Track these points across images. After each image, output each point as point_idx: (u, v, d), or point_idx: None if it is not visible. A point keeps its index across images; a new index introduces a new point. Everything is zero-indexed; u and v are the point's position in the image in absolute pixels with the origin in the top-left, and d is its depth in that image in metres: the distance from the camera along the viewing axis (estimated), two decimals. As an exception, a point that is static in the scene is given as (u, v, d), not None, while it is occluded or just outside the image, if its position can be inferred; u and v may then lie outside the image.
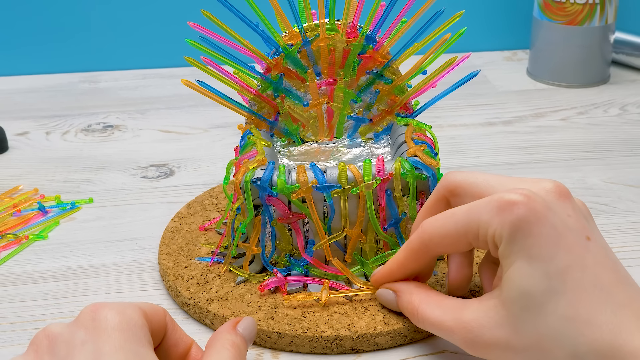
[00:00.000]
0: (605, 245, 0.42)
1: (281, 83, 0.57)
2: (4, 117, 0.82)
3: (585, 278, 0.39)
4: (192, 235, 0.58)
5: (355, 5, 0.55)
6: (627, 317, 0.39)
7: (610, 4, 0.87)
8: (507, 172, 0.71)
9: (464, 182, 0.46)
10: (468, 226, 0.43)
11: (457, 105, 0.85)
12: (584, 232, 0.41)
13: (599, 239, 0.42)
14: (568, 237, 0.40)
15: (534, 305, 0.40)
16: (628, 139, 0.78)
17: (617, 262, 0.42)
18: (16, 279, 0.56)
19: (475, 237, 0.43)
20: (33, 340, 0.39)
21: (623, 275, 0.41)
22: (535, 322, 0.40)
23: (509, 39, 1.02)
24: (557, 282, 0.39)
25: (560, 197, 0.42)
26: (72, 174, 0.72)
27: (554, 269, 0.40)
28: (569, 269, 0.39)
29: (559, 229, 0.40)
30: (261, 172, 0.51)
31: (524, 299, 0.40)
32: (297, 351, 0.49)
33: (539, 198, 0.41)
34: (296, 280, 0.52)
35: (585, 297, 0.39)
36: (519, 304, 0.40)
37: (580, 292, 0.39)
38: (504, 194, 0.41)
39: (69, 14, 0.94)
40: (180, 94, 0.89)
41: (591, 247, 0.41)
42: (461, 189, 0.46)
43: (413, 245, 0.47)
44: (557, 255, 0.40)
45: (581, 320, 0.39)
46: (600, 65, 0.91)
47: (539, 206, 0.41)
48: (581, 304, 0.39)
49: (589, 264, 0.40)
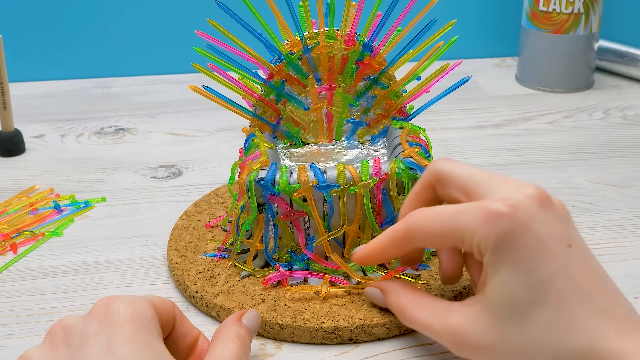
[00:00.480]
0: (585, 249, 0.42)
1: (283, 88, 0.57)
2: (22, 121, 0.82)
3: (568, 287, 0.39)
4: (199, 232, 0.58)
5: (353, 15, 0.55)
6: (606, 323, 0.38)
7: (594, 13, 0.87)
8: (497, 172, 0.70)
9: (450, 173, 0.45)
10: (453, 230, 0.42)
11: (449, 109, 0.85)
12: (566, 239, 0.41)
13: (579, 244, 0.42)
14: (551, 246, 0.40)
15: (519, 314, 0.40)
16: (611, 141, 0.78)
17: (597, 266, 0.41)
18: (33, 273, 0.56)
19: (460, 241, 0.42)
20: (49, 331, 0.39)
21: (602, 280, 0.41)
22: (519, 330, 0.40)
23: (498, 47, 1.02)
24: (541, 292, 0.39)
25: (542, 205, 0.41)
26: (85, 174, 0.72)
27: (538, 279, 0.39)
28: (552, 279, 0.39)
29: (542, 239, 0.40)
30: (264, 172, 0.51)
31: (509, 307, 0.40)
32: (299, 341, 0.49)
33: (524, 208, 0.40)
34: (297, 275, 0.52)
35: (568, 306, 0.39)
36: (504, 312, 0.40)
37: (563, 302, 0.39)
38: (490, 203, 0.40)
39: (83, 24, 0.94)
40: (188, 98, 0.89)
41: (573, 254, 0.40)
42: (447, 179, 0.45)
43: (397, 234, 0.45)
44: (541, 265, 0.39)
45: (563, 328, 0.39)
46: (585, 71, 0.91)
47: (523, 217, 0.40)
48: (564, 312, 0.39)
49: (572, 272, 0.39)
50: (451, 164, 0.45)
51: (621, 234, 0.61)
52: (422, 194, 0.47)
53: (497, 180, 0.43)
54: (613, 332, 0.38)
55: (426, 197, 0.47)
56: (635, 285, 0.54)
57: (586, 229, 0.62)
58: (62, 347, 0.38)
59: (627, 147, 0.77)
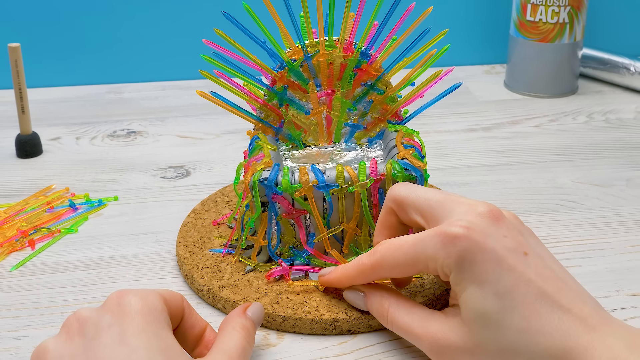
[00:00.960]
0: (542, 254, 0.42)
1: (285, 94, 0.57)
2: (39, 124, 0.82)
3: (530, 291, 0.39)
4: (206, 229, 0.58)
5: (351, 25, 0.55)
6: (574, 321, 0.39)
7: (578, 23, 0.87)
8: (487, 173, 0.71)
9: (407, 198, 0.45)
10: (416, 258, 0.42)
11: (442, 113, 0.85)
12: (521, 248, 0.41)
13: (536, 250, 0.42)
14: (508, 257, 0.40)
15: (491, 323, 0.40)
16: (594, 143, 0.78)
17: (555, 268, 0.41)
18: (49, 268, 0.56)
19: (425, 267, 0.42)
20: (65, 323, 0.39)
21: (563, 280, 0.41)
22: (494, 337, 0.40)
23: (488, 55, 1.02)
24: (507, 300, 0.39)
25: (494, 221, 0.41)
26: (99, 174, 0.72)
27: (502, 288, 0.39)
28: (515, 287, 0.39)
29: (499, 252, 0.40)
30: (267, 173, 0.51)
31: (482, 319, 0.40)
32: (300, 332, 0.49)
33: (478, 227, 0.41)
34: (299, 270, 0.52)
35: (534, 309, 0.39)
36: (478, 324, 0.40)
37: (529, 305, 0.39)
38: (446, 227, 0.41)
39: (97, 34, 0.94)
40: (196, 103, 0.89)
41: (530, 261, 0.40)
42: (405, 204, 0.45)
43: (365, 268, 0.45)
44: (502, 276, 0.39)
45: (534, 330, 0.39)
46: (570, 78, 0.91)
47: (478, 236, 0.40)
48: (532, 315, 0.39)
49: (531, 278, 0.40)
50: (407, 189, 0.46)
51: (603, 231, 0.61)
52: (386, 220, 0.47)
53: (451, 202, 0.43)
54: (582, 329, 0.38)
55: (390, 223, 0.47)
56: (617, 279, 0.54)
57: (570, 226, 0.62)
58: (77, 338, 0.38)
59: (609, 149, 0.77)
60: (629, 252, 0.58)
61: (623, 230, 0.61)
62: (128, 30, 0.94)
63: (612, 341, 0.38)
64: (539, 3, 0.86)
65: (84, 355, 0.37)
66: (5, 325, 0.50)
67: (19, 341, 0.48)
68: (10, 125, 0.82)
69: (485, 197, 0.66)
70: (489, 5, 1.00)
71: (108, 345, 0.37)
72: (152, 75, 0.97)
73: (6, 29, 0.92)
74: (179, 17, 0.95)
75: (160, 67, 0.97)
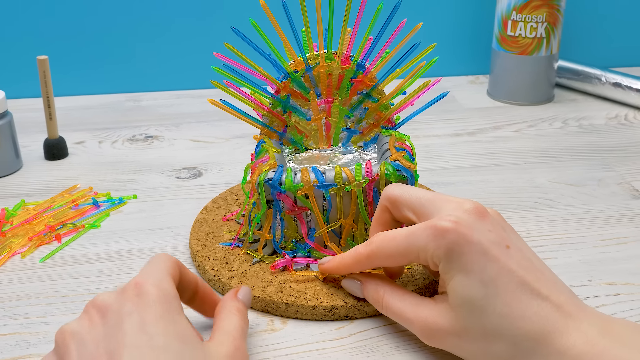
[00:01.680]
0: (522, 247, 0.42)
1: (288, 102, 0.57)
2: (65, 129, 0.82)
3: (512, 281, 0.39)
4: (217, 225, 0.58)
5: (348, 39, 0.55)
6: (550, 307, 0.39)
7: (554, 38, 0.87)
8: (472, 173, 0.71)
9: (400, 197, 0.45)
10: (408, 249, 0.43)
11: (430, 119, 0.85)
12: (504, 242, 0.41)
13: (517, 243, 0.42)
14: (492, 249, 0.40)
15: (476, 308, 0.40)
16: (569, 146, 0.78)
17: (534, 260, 0.42)
18: (74, 260, 0.56)
19: (416, 257, 0.42)
20: (86, 308, 0.39)
21: (541, 271, 0.41)
22: (479, 321, 0.40)
23: (472, 66, 1.02)
24: (491, 287, 0.39)
25: (479, 217, 0.42)
26: (119, 175, 0.72)
27: (486, 277, 0.40)
28: (499, 276, 0.39)
29: (484, 244, 0.40)
30: (272, 173, 0.51)
31: (467, 305, 0.40)
32: (302, 318, 0.49)
33: (465, 222, 0.41)
34: (301, 261, 0.52)
35: (515, 296, 0.39)
36: (464, 309, 0.40)
37: (510, 293, 0.39)
38: (436, 222, 0.41)
39: (117, 47, 0.94)
40: (207, 110, 0.89)
41: (512, 253, 0.41)
42: (398, 202, 0.46)
43: (361, 257, 0.46)
44: (486, 266, 0.40)
45: (515, 315, 0.39)
46: (546, 87, 0.91)
47: (465, 230, 0.40)
48: (513, 302, 0.39)
49: (513, 268, 0.40)
50: (401, 189, 0.46)
51: (577, 226, 0.61)
52: (381, 217, 0.47)
53: (440, 200, 0.43)
54: (559, 315, 0.38)
55: (385, 219, 0.47)
56: (590, 270, 0.54)
57: (547, 221, 0.62)
58: (99, 324, 0.38)
59: (582, 152, 0.76)
60: (600, 246, 0.58)
61: (595, 226, 0.61)
62: (146, 44, 0.94)
63: (586, 326, 0.38)
64: (519, 19, 0.86)
65: (105, 341, 0.37)
66: (34, 312, 0.50)
67: (47, 326, 0.48)
68: (39, 130, 0.82)
69: (470, 196, 0.66)
70: (473, 21, 0.99)
71: (128, 331, 0.36)
72: (167, 84, 0.97)
73: (36, 43, 0.92)
74: (192, 32, 0.94)
75: (175, 77, 0.96)
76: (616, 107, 0.90)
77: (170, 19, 0.94)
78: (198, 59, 0.94)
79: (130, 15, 0.93)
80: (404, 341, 0.47)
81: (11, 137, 0.71)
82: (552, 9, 0.85)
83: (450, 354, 0.44)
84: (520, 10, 0.86)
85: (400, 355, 0.45)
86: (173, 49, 0.95)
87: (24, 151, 0.76)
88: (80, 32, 0.93)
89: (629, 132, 0.82)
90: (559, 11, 0.86)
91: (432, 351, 0.45)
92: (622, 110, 0.89)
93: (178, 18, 0.94)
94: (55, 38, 0.92)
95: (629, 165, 0.73)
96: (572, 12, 0.99)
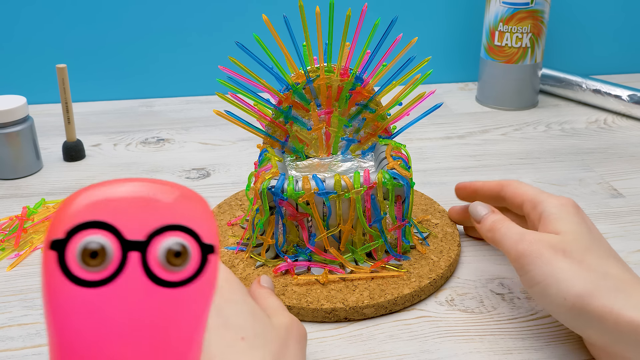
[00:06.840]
0: None
1: (290, 112, 0.54)
2: (83, 133, 0.80)
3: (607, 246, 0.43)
4: (222, 229, 0.56)
5: (347, 53, 0.53)
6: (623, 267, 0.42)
7: (538, 47, 0.85)
8: (461, 174, 0.69)
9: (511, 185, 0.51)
10: (535, 199, 0.47)
11: (423, 123, 0.83)
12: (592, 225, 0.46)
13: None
14: (589, 223, 0.45)
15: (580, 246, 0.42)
16: (552, 149, 0.76)
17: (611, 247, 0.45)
18: (89, 260, 0.54)
19: (533, 207, 0.47)
20: None
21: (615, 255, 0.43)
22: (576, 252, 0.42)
23: (462, 74, 1.00)
24: (595, 239, 0.43)
25: (575, 209, 0.45)
26: (133, 175, 0.70)
27: (595, 232, 0.44)
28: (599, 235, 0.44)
29: (585, 217, 0.45)
30: (275, 181, 0.49)
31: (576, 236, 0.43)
32: (303, 320, 0.47)
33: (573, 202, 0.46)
34: (302, 265, 0.50)
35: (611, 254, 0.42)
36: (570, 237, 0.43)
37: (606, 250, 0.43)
38: (558, 196, 0.46)
39: (132, 57, 0.92)
40: (215, 115, 0.86)
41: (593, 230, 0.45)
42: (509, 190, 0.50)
43: (493, 184, 0.52)
44: (592, 228, 0.44)
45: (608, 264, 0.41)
46: (531, 93, 0.89)
47: (575, 205, 0.46)
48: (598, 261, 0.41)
49: (597, 237, 0.44)
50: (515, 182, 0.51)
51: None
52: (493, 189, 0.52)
53: (544, 193, 0.48)
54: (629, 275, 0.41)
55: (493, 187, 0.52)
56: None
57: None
58: None
59: (564, 154, 0.75)
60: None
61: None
62: (158, 55, 0.93)
63: None
64: (505, 30, 0.84)
65: None
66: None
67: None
68: (58, 133, 0.80)
69: (461, 198, 0.64)
70: (462, 32, 0.98)
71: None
72: (178, 91, 0.95)
73: (56, 53, 0.90)
74: (200, 45, 0.93)
75: (185, 84, 0.95)
76: (596, 112, 0.88)
77: (181, 33, 0.92)
78: (206, 68, 0.93)
79: (145, 28, 0.91)
80: (398, 331, 0.45)
81: (32, 140, 0.70)
82: (537, 21, 0.83)
83: (440, 344, 0.43)
84: (507, 22, 0.83)
85: (394, 343, 0.44)
86: (183, 59, 0.93)
87: (44, 153, 0.75)
88: (98, 44, 0.91)
89: (608, 136, 0.80)
90: (542, 23, 0.84)
91: (426, 339, 0.44)
92: (602, 115, 0.87)
93: (188, 32, 0.92)
94: (75, 48, 0.91)
95: (608, 166, 0.71)
96: (555, 24, 0.97)
